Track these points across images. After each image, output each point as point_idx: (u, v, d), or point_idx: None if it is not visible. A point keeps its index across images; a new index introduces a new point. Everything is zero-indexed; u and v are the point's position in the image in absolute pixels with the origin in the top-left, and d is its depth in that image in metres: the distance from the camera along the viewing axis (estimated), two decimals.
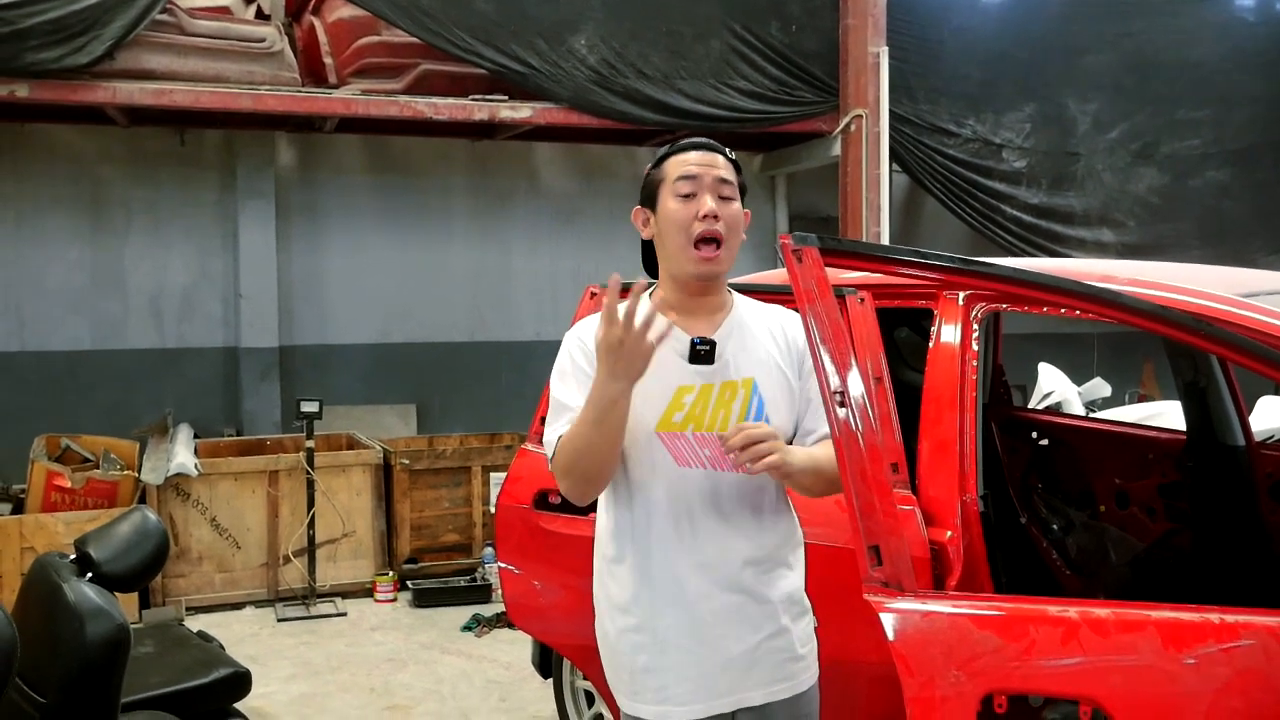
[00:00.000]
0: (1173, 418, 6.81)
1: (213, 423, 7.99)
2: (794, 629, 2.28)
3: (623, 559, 2.26)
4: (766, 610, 2.24)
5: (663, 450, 2.20)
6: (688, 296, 2.27)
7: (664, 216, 2.23)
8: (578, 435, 2.10)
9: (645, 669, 2.22)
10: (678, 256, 2.22)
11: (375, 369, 8.64)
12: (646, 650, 2.22)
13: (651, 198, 2.28)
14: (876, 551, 1.84)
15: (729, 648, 2.21)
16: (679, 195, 2.21)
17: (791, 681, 2.27)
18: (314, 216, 8.48)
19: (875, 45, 7.94)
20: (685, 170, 2.22)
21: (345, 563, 6.63)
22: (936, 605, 1.83)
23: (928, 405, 3.07)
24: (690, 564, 2.20)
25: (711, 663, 2.21)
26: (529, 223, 9.05)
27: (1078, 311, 2.29)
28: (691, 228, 2.18)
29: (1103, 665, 1.81)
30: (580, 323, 2.31)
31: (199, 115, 7.45)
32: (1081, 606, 1.83)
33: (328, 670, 5.39)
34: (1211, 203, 9.36)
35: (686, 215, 2.19)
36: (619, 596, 2.27)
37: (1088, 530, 4.56)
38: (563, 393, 2.22)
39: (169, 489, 6.24)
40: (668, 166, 2.26)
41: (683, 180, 2.21)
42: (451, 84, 7.44)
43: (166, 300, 8.14)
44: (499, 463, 6.86)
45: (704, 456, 2.20)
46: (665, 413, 2.19)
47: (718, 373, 2.21)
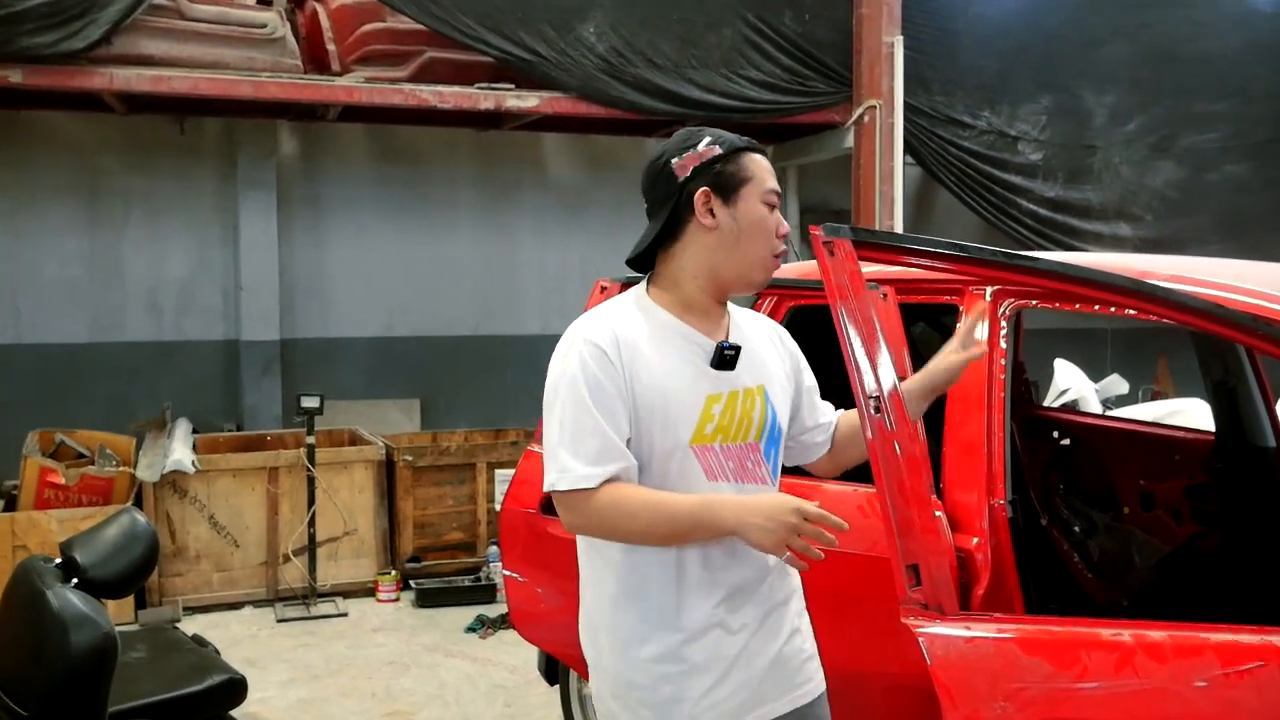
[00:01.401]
0: (1193, 416, 6.68)
1: (212, 418, 7.86)
2: (803, 627, 2.23)
3: (647, 584, 2.07)
4: (785, 614, 2.17)
5: (695, 465, 2.06)
6: (713, 301, 2.15)
7: (750, 219, 2.09)
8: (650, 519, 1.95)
9: (672, 699, 2.06)
10: (749, 261, 2.10)
11: (378, 363, 8.51)
12: (672, 680, 2.05)
13: (728, 189, 2.08)
14: (915, 571, 1.69)
15: (756, 662, 2.10)
16: (767, 204, 2.11)
17: (811, 683, 2.21)
18: (316, 207, 8.35)
19: (890, 35, 7.79)
20: (773, 184, 2.14)
21: (346, 562, 6.50)
22: (981, 629, 1.68)
23: (953, 406, 2.93)
24: (726, 583, 2.07)
25: (740, 681, 2.09)
26: (536, 214, 8.91)
27: (1130, 311, 2.13)
28: (774, 241, 2.12)
29: (1159, 693, 1.66)
30: (585, 323, 2.09)
31: (198, 103, 7.32)
32: (1136, 629, 1.69)
33: (327, 674, 5.26)
34: (1229, 197, 9.21)
35: (772, 227, 2.11)
36: (638, 627, 2.07)
37: (1111, 533, 4.43)
38: (579, 412, 1.99)
39: (166, 486, 6.11)
40: (752, 167, 2.11)
41: (773, 193, 2.13)
42: (457, 72, 7.30)
43: (165, 292, 8.01)
44: (504, 459, 6.74)
45: (729, 469, 2.09)
46: (699, 425, 2.05)
47: (736, 380, 2.11)
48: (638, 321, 2.09)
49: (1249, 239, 8.68)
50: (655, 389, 2.02)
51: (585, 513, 1.99)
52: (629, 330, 2.05)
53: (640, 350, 2.03)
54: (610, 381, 1.99)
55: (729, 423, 2.07)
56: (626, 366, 2.01)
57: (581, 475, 1.97)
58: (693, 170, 2.08)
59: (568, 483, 1.98)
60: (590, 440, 1.97)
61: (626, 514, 1.97)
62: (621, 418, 2.00)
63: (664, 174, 2.11)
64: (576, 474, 1.97)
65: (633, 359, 2.02)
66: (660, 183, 2.12)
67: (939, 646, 1.66)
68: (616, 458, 1.98)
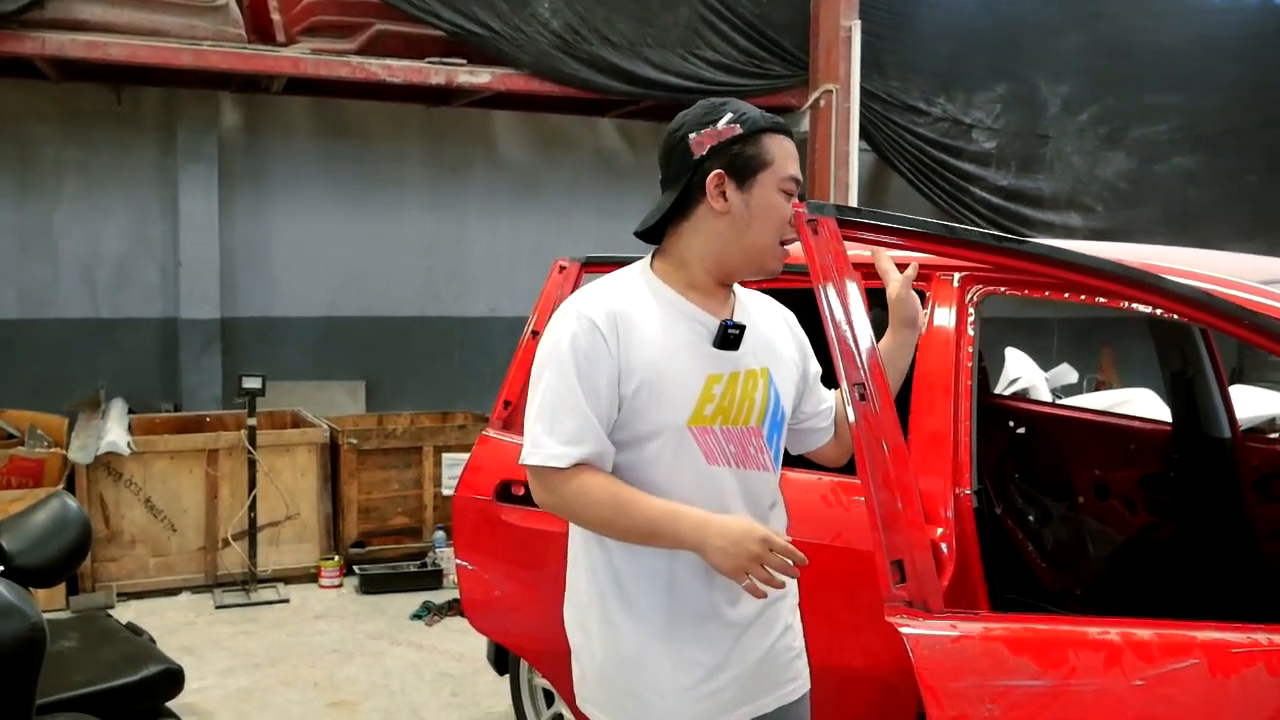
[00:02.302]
0: (1142, 405, 6.74)
1: (149, 398, 7.64)
2: (795, 623, 2.18)
3: (642, 572, 2.01)
4: (780, 609, 2.12)
5: (694, 447, 1.98)
6: (718, 284, 2.06)
7: (763, 206, 1.99)
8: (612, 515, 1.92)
9: (659, 692, 2.00)
10: (762, 251, 2.02)
11: (322, 343, 8.32)
12: (661, 671, 1.99)
13: (744, 172, 1.98)
14: (900, 567, 1.61)
15: (749, 657, 2.05)
16: (784, 192, 2.00)
17: (798, 681, 2.17)
18: (259, 182, 8.13)
19: (847, 19, 7.74)
20: (795, 172, 2.02)
21: (288, 547, 6.33)
22: (967, 627, 1.61)
23: (919, 393, 2.87)
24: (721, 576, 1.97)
25: (731, 676, 2.03)
26: (486, 194, 8.77)
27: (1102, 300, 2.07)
28: (786, 230, 2.01)
29: (1147, 694, 1.60)
30: (583, 295, 2.01)
31: (137, 71, 7.07)
32: (1123, 627, 1.63)
33: (268, 662, 5.11)
34: (1178, 189, 9.31)
35: (788, 216, 2.01)
36: (630, 615, 2.01)
37: (1065, 522, 4.43)
38: (563, 388, 1.93)
39: (99, 468, 5.91)
40: (774, 151, 1.99)
41: (793, 180, 2.01)
42: (407, 46, 7.13)
43: (100, 268, 7.77)
44: (452, 443, 6.61)
45: (729, 453, 2.01)
46: (697, 405, 1.97)
47: (740, 361, 2.03)
48: (640, 296, 2.02)
49: (1196, 231, 8.78)
50: (653, 366, 1.95)
51: (553, 491, 1.96)
52: (628, 305, 1.98)
53: (638, 326, 1.96)
54: (599, 359, 1.92)
55: (729, 404, 2.00)
56: (621, 343, 1.94)
57: (553, 454, 1.93)
58: (709, 149, 1.98)
59: (539, 458, 1.95)
60: (568, 419, 1.92)
61: (590, 504, 1.93)
62: (605, 398, 1.93)
63: (680, 148, 2.01)
64: (548, 451, 1.93)
65: (629, 335, 1.95)
66: (676, 157, 2.03)
67: (925, 646, 1.59)
68: (591, 440, 1.93)
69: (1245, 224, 9.39)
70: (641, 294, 2.02)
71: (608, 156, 9.04)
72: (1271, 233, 9.30)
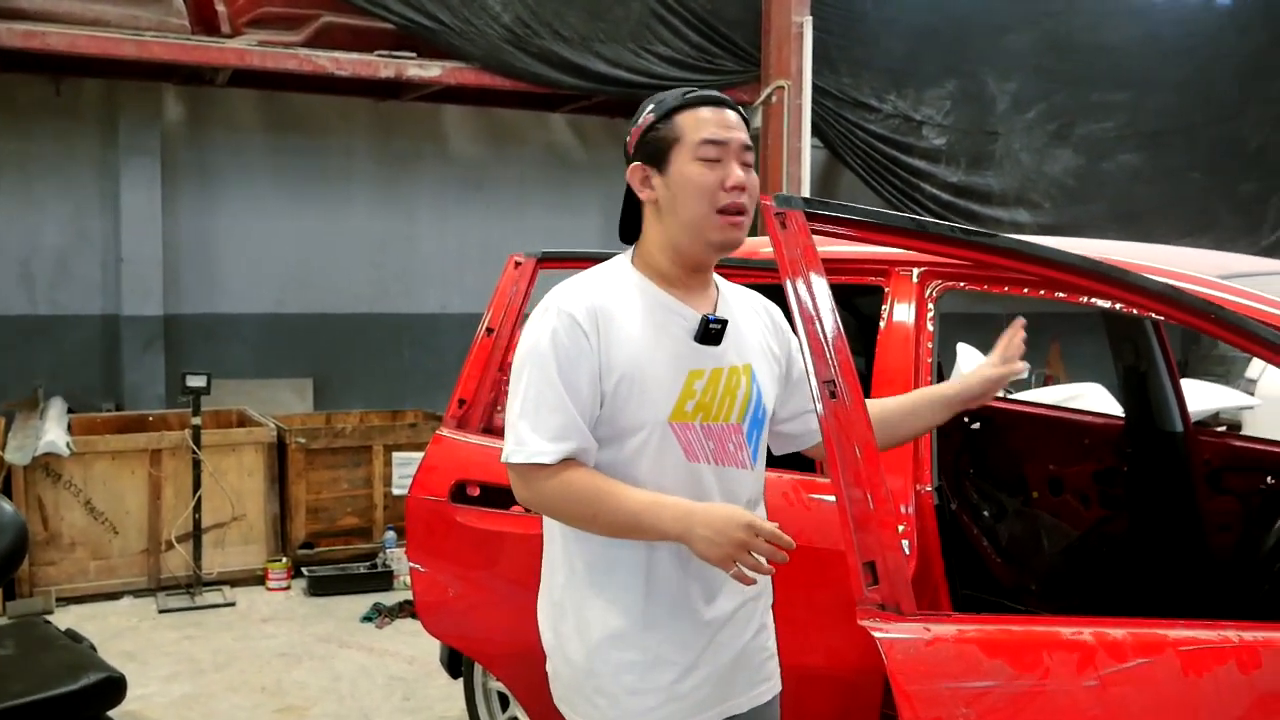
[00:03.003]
0: (1092, 400, 6.80)
1: (90, 397, 7.47)
2: (769, 623, 2.16)
3: (616, 569, 1.98)
4: (755, 608, 2.10)
5: (674, 443, 1.95)
6: (686, 271, 2.01)
7: (681, 180, 1.94)
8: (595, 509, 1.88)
9: (631, 690, 1.97)
10: (697, 225, 1.94)
11: (269, 340, 8.18)
12: (635, 670, 1.97)
13: (658, 156, 1.96)
14: (873, 569, 1.57)
15: (722, 656, 2.03)
16: (702, 159, 1.93)
17: (770, 681, 2.14)
18: (204, 176, 7.98)
19: (799, 15, 7.76)
20: (711, 134, 1.93)
21: (234, 548, 6.20)
22: (940, 629, 1.58)
23: (879, 390, 2.85)
24: (699, 572, 1.97)
25: (702, 675, 2.00)
26: (436, 189, 8.67)
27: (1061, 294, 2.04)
28: (717, 197, 1.92)
29: (1121, 694, 1.58)
30: (563, 290, 1.98)
31: (76, 62, 6.89)
32: (1095, 627, 1.61)
33: (214, 668, 4.99)
34: (1125, 185, 9.44)
35: (712, 182, 1.92)
36: (604, 612, 1.98)
37: (1020, 517, 4.44)
38: (542, 384, 1.91)
39: (38, 469, 5.74)
40: (682, 124, 1.95)
41: (709, 144, 1.93)
42: (356, 38, 7.03)
43: (39, 263, 7.57)
44: (402, 441, 6.52)
45: (710, 450, 1.98)
46: (679, 401, 1.94)
47: (722, 357, 1.99)
48: (620, 291, 1.99)
49: (1143, 227, 8.89)
50: (633, 361, 1.92)
51: (536, 489, 1.92)
52: (610, 300, 1.96)
53: (618, 321, 1.93)
54: (581, 354, 1.90)
55: (710, 400, 1.96)
56: (602, 338, 1.92)
57: (538, 450, 1.90)
58: (635, 146, 2.00)
59: (523, 456, 1.91)
60: (552, 416, 1.89)
61: (574, 499, 1.90)
62: (587, 393, 1.91)
63: (625, 152, 2.06)
64: (532, 448, 1.90)
65: (609, 330, 1.92)
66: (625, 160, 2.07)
67: (899, 651, 1.55)
68: (575, 436, 1.90)
69: (1190, 220, 9.55)
70: (623, 288, 1.99)
71: (559, 152, 8.97)
72: (1216, 228, 9.46)
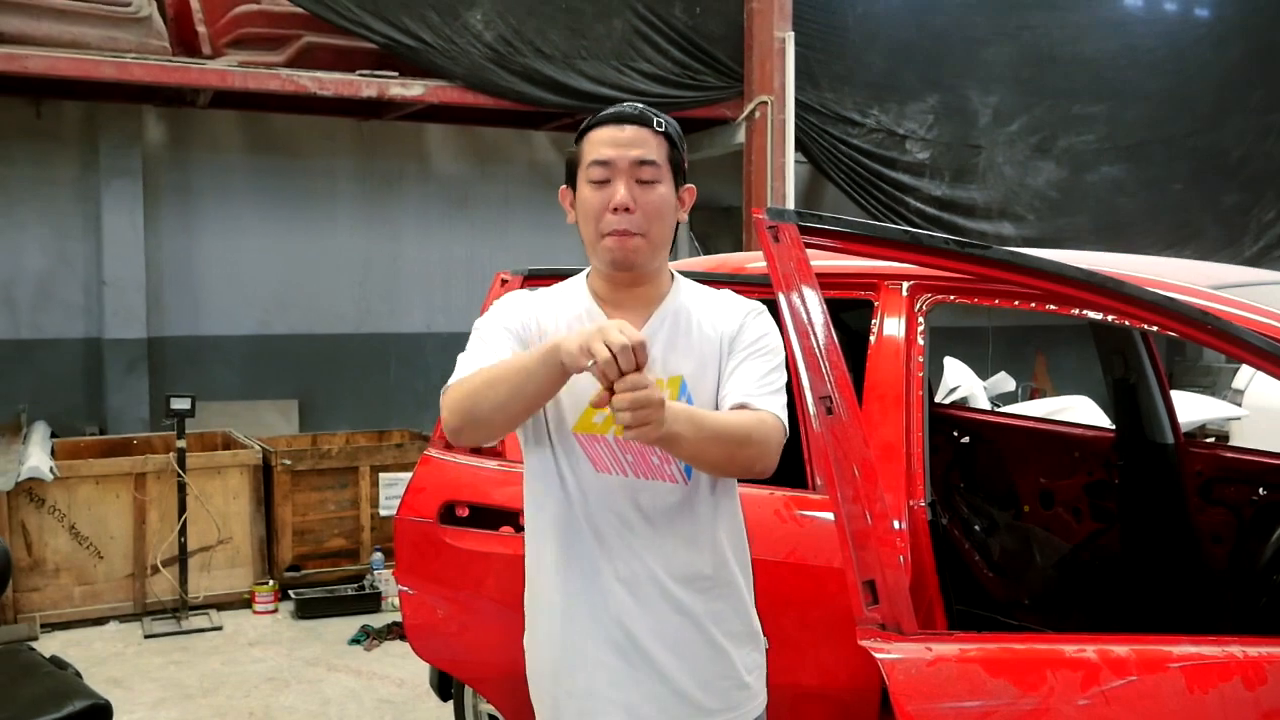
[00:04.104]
0: (1081, 412, 6.80)
1: (73, 421, 7.40)
2: (736, 654, 2.05)
3: (542, 569, 2.06)
4: (705, 633, 2.01)
5: (580, 453, 1.98)
6: (614, 288, 2.02)
7: (579, 203, 1.99)
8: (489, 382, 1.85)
9: (569, 694, 2.00)
10: (591, 247, 2.00)
11: (254, 362, 8.13)
12: (570, 672, 2.00)
13: (571, 179, 2.02)
14: (872, 588, 1.55)
15: (663, 671, 1.97)
16: (592, 181, 1.94)
17: (735, 711, 2.05)
18: (186, 198, 7.93)
19: (781, 30, 7.76)
20: (598, 154, 1.95)
21: (221, 572, 6.14)
22: (942, 648, 1.55)
23: (870, 404, 2.82)
24: (614, 578, 1.97)
25: (644, 687, 1.97)
26: (419, 208, 8.64)
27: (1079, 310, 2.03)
28: (603, 219, 1.93)
29: (1126, 711, 1.56)
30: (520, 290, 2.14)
31: (57, 84, 6.86)
32: (1099, 644, 1.59)
33: (201, 693, 4.94)
34: (1107, 197, 9.47)
35: (597, 205, 1.94)
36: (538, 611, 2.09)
37: (1011, 531, 4.42)
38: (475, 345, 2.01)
39: (21, 494, 5.68)
40: (584, 145, 1.99)
41: (595, 165, 1.94)
42: (337, 58, 7.01)
43: (20, 287, 7.52)
44: (388, 462, 6.48)
45: (626, 463, 1.96)
46: (586, 413, 1.95)
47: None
48: (562, 305, 2.06)
49: (1125, 238, 8.94)
50: None
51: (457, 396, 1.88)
52: (545, 311, 2.05)
53: (549, 326, 2.01)
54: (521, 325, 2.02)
55: None
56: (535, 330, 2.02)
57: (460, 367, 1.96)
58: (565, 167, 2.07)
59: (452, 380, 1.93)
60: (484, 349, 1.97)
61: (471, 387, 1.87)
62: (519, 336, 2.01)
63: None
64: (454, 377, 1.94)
65: (540, 330, 2.02)
66: None
67: (901, 671, 1.53)
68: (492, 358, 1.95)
69: (1173, 232, 9.59)
70: (566, 302, 2.06)
71: (542, 169, 8.96)
72: (1198, 239, 9.50)
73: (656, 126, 1.98)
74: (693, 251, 8.93)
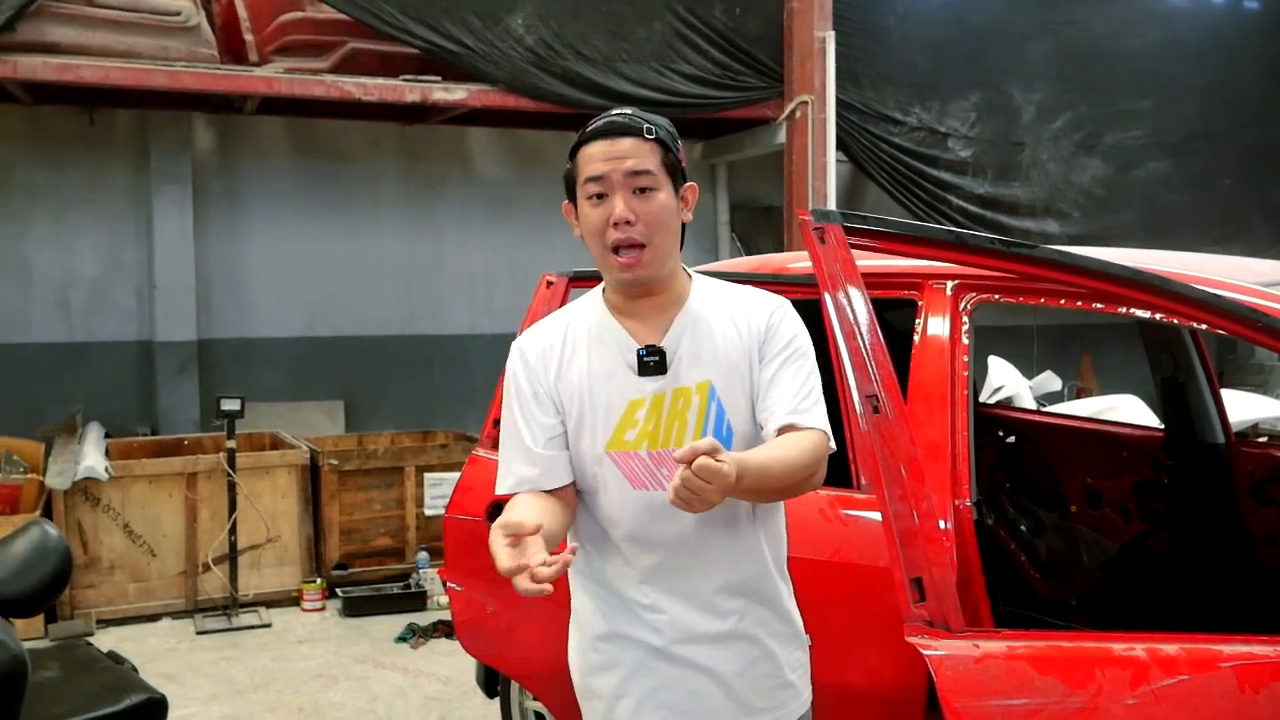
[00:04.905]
0: (1129, 411, 6.74)
1: (125, 421, 7.52)
2: (781, 653, 2.06)
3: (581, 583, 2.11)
4: (749, 636, 2.03)
5: (615, 472, 1.98)
6: (629, 299, 2.02)
7: (583, 219, 1.99)
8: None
9: (616, 694, 2.02)
10: (600, 264, 2.01)
11: (300, 364, 8.22)
12: (617, 677, 2.03)
13: (570, 195, 2.03)
14: (919, 585, 1.56)
15: (709, 674, 2.00)
16: (590, 197, 1.95)
17: (780, 710, 2.06)
18: (234, 203, 8.05)
19: (821, 30, 7.74)
20: (592, 170, 1.94)
21: (270, 570, 6.24)
22: (990, 645, 1.57)
23: (914, 404, 2.83)
24: (655, 590, 2.00)
25: (689, 687, 1.99)
26: (462, 211, 8.70)
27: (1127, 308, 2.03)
28: (607, 235, 1.93)
29: (1175, 710, 1.56)
30: (526, 331, 2.14)
31: (109, 93, 6.97)
32: (1148, 643, 1.59)
33: (252, 688, 5.02)
34: (1153, 194, 9.35)
35: (600, 221, 1.94)
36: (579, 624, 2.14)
37: (1058, 531, 4.39)
38: (508, 423, 2.08)
39: (77, 493, 5.80)
40: (579, 162, 1.98)
41: (591, 182, 1.94)
42: (381, 64, 7.08)
43: (74, 291, 7.66)
44: (433, 462, 6.55)
45: (661, 477, 1.95)
46: (617, 430, 1.97)
47: (670, 380, 1.97)
48: (581, 323, 2.06)
49: (1172, 235, 8.83)
50: (575, 395, 2.02)
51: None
52: (564, 334, 2.07)
53: (568, 356, 2.03)
54: (532, 388, 2.05)
55: (655, 428, 1.96)
56: (552, 373, 2.04)
57: (502, 485, 2.06)
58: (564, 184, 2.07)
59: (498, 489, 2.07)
60: (513, 452, 2.05)
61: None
62: (542, 422, 2.03)
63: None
64: (500, 485, 2.06)
65: (560, 365, 2.03)
66: None
67: (949, 667, 1.54)
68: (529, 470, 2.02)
69: (1219, 227, 9.45)
70: (583, 320, 2.07)
71: None
72: (1246, 235, 9.36)
73: (647, 134, 1.94)
74: (734, 252, 8.93)
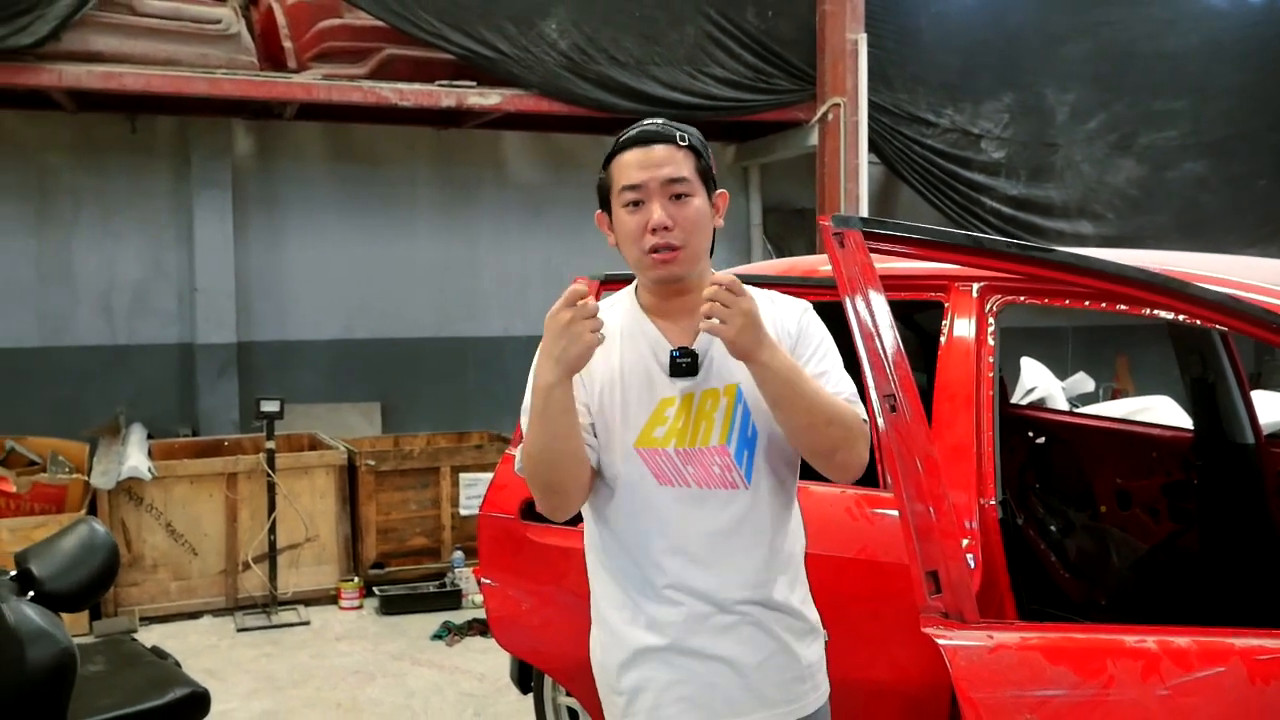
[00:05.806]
0: (1162, 412, 6.71)
1: (167, 423, 7.67)
2: (798, 646, 2.10)
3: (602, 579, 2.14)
4: (767, 631, 2.07)
5: (642, 468, 2.03)
6: (661, 299, 2.09)
7: (617, 227, 2.06)
8: (529, 439, 1.99)
9: (635, 689, 2.06)
10: (634, 264, 2.07)
11: (338, 366, 8.34)
12: (637, 672, 2.06)
13: (605, 203, 2.09)
14: (935, 578, 1.61)
15: (727, 665, 2.04)
16: (626, 204, 2.01)
17: (797, 703, 2.10)
18: (273, 207, 8.18)
19: (853, 32, 7.77)
20: (629, 179, 2.01)
21: (308, 569, 6.35)
22: (1004, 636, 1.61)
23: (940, 405, 2.87)
24: (677, 588, 2.03)
25: (707, 680, 2.04)
26: (497, 214, 8.79)
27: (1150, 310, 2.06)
28: (644, 240, 1.99)
29: (1186, 702, 1.60)
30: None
31: (151, 100, 7.13)
32: (1160, 635, 1.63)
33: (291, 684, 5.12)
34: (1189, 195, 9.30)
35: (637, 228, 2.00)
36: (601, 618, 2.15)
37: (1088, 532, 4.40)
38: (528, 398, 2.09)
39: (121, 493, 5.93)
40: (614, 171, 2.05)
41: (627, 190, 2.01)
42: (417, 69, 7.18)
43: (117, 294, 7.81)
44: (469, 463, 6.63)
45: (688, 474, 2.02)
46: (645, 427, 2.03)
47: (699, 381, 2.03)
48: (615, 319, 2.10)
49: (1208, 236, 8.76)
50: (605, 389, 2.06)
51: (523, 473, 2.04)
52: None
53: (602, 349, 2.00)
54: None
55: (684, 426, 2.02)
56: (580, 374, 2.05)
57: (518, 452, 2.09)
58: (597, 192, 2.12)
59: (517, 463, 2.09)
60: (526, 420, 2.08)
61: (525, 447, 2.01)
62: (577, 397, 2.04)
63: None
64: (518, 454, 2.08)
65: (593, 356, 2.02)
66: None
67: (963, 658, 1.59)
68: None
69: (1255, 228, 9.38)
70: (615, 317, 2.10)
71: None
72: None
73: (680, 141, 2.01)
74: (766, 254, 8.97)
